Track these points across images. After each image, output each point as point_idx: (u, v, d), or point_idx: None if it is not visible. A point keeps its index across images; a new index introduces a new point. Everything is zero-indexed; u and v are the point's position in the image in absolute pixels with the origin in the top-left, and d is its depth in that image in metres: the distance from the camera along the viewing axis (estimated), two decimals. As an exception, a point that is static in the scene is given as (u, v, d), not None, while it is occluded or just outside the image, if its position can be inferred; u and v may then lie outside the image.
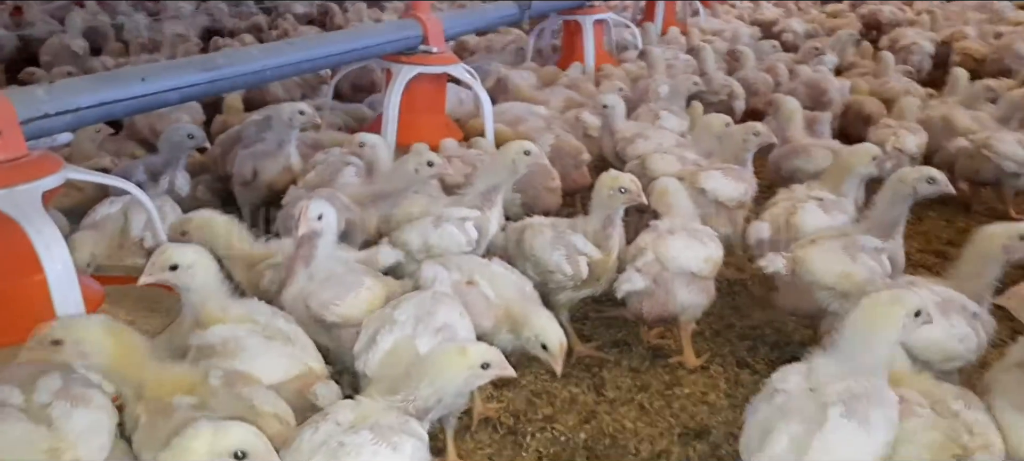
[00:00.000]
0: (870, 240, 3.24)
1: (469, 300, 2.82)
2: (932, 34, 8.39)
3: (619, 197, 3.24)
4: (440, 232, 3.40)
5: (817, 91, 5.94)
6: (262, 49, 4.00)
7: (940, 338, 2.61)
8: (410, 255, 3.38)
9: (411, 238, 3.40)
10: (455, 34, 5.45)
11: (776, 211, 3.69)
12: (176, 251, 2.55)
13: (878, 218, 3.33)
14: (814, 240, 3.27)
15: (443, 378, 2.23)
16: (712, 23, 9.12)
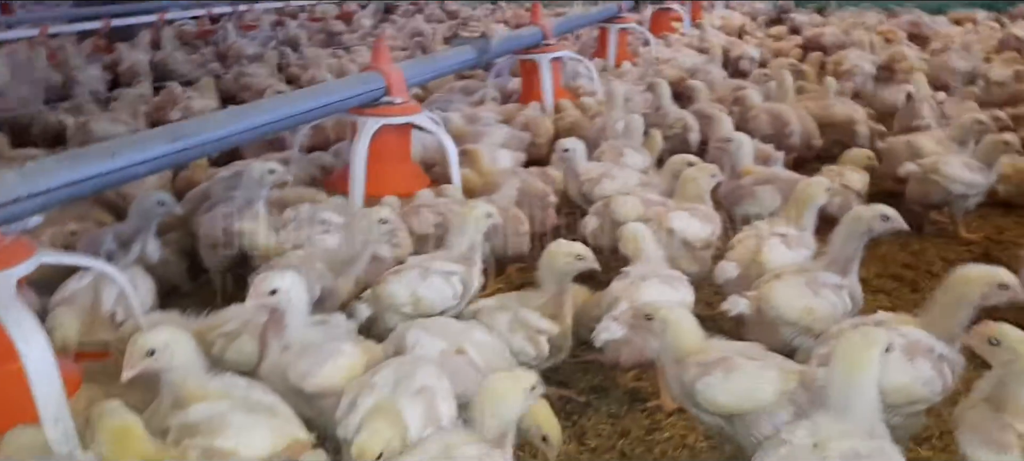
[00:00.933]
0: (830, 276, 3.35)
1: (458, 368, 2.84)
2: (872, 56, 8.69)
3: (574, 266, 3.29)
4: (428, 284, 3.43)
5: (779, 122, 6.09)
6: (228, 113, 3.99)
7: (906, 382, 2.69)
8: (395, 308, 3.41)
9: (397, 290, 3.42)
10: (417, 83, 5.50)
11: (742, 249, 3.79)
12: (150, 336, 2.54)
13: (834, 255, 3.44)
14: (777, 276, 3.38)
15: (505, 406, 2.39)
16: (663, 52, 9.31)
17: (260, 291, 2.80)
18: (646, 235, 3.64)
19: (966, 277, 2.91)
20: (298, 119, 4.35)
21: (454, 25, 13.77)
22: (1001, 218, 5.35)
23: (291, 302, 2.83)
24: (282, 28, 12.61)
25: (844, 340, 2.47)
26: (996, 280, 2.86)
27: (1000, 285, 2.85)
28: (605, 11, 9.38)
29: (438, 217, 4.31)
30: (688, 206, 4.16)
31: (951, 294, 2.91)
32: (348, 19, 13.84)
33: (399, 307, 3.42)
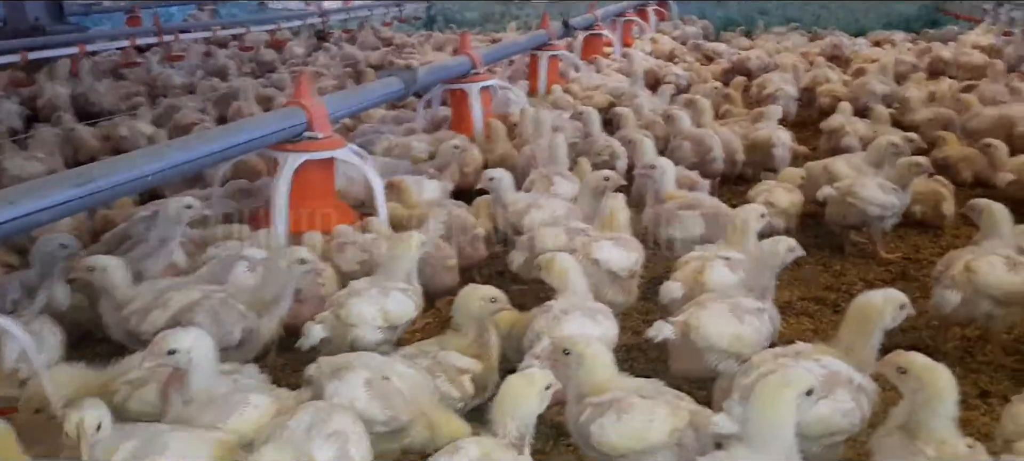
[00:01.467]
0: (751, 301, 3.41)
1: (387, 392, 2.83)
2: (794, 79, 8.93)
3: (488, 309, 3.29)
4: (392, 298, 3.56)
5: (702, 147, 6.19)
6: (142, 154, 3.87)
7: (826, 415, 2.72)
8: (364, 325, 3.47)
9: (364, 309, 3.48)
10: (341, 116, 5.43)
11: (686, 271, 3.87)
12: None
13: (750, 282, 3.50)
14: (700, 304, 3.41)
15: (524, 407, 2.48)
16: (593, 79, 9.41)
17: (158, 351, 2.72)
18: (571, 266, 3.63)
19: (867, 302, 3.01)
20: (215, 158, 4.25)
21: (388, 52, 13.73)
22: (917, 237, 5.51)
23: (192, 361, 2.74)
24: (211, 58, 12.38)
25: (764, 383, 2.50)
26: (897, 301, 2.99)
27: (900, 306, 2.98)
28: (535, 39, 9.44)
29: (364, 254, 4.26)
30: (612, 235, 4.17)
31: (855, 321, 3.00)
32: (280, 47, 13.66)
33: (369, 323, 3.49)
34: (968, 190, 6.16)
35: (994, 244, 3.87)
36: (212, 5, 18.31)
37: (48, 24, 12.19)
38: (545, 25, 9.66)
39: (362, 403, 2.80)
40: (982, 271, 3.66)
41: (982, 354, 3.91)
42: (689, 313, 3.34)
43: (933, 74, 9.66)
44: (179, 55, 12.51)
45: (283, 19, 16.53)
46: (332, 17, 17.38)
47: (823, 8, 18.21)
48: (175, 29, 14.17)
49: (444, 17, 19.35)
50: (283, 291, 3.58)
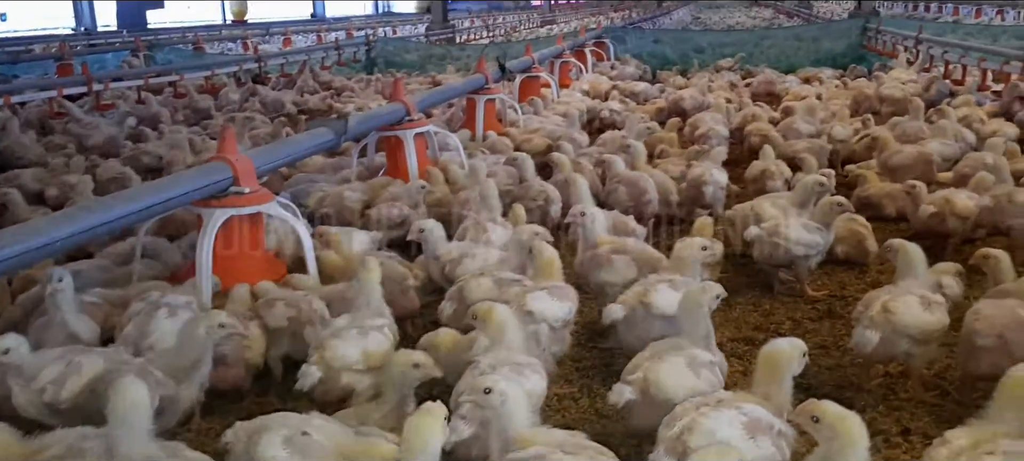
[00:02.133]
0: (704, 354, 3.42)
1: (307, 446, 2.80)
2: (725, 119, 9.14)
3: (414, 373, 3.28)
4: (371, 339, 3.68)
5: (636, 190, 6.26)
6: (50, 220, 3.73)
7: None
8: (345, 368, 3.57)
9: (347, 351, 3.58)
10: (268, 170, 5.35)
11: (629, 294, 4.02)
12: None
13: (691, 333, 3.52)
14: (657, 357, 3.40)
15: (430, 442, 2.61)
16: (531, 122, 9.49)
17: None
18: (508, 319, 3.58)
19: (773, 351, 3.07)
20: (133, 219, 4.14)
21: (327, 96, 13.67)
22: (843, 274, 5.64)
23: None
24: (144, 105, 12.14)
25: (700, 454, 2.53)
26: (800, 350, 3.07)
27: (803, 354, 3.07)
28: (471, 82, 9.49)
29: (292, 310, 4.17)
30: (546, 284, 4.16)
31: (765, 369, 3.05)
32: (215, 93, 13.48)
33: (351, 366, 3.57)
34: (893, 225, 6.38)
35: (910, 283, 3.98)
36: (146, 51, 18.00)
37: (-32, 74, 11.86)
38: (481, 68, 9.72)
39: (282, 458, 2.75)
40: (899, 311, 3.75)
41: (904, 391, 4.00)
42: (646, 368, 3.34)
43: (857, 111, 9.97)
44: (110, 104, 12.24)
45: (219, 65, 16.33)
46: (270, 61, 17.23)
47: (755, 47, 18.76)
48: (106, 77, 13.85)
49: (384, 60, 19.36)
50: (201, 356, 3.49)
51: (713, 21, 39.20)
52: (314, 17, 41.89)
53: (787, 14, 41.68)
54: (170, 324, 3.86)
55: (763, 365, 3.08)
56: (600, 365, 4.47)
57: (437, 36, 23.37)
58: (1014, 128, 8.32)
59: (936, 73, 12.60)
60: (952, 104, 9.27)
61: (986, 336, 3.62)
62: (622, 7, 53.36)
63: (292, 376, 3.77)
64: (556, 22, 36.43)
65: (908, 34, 16.14)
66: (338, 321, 3.85)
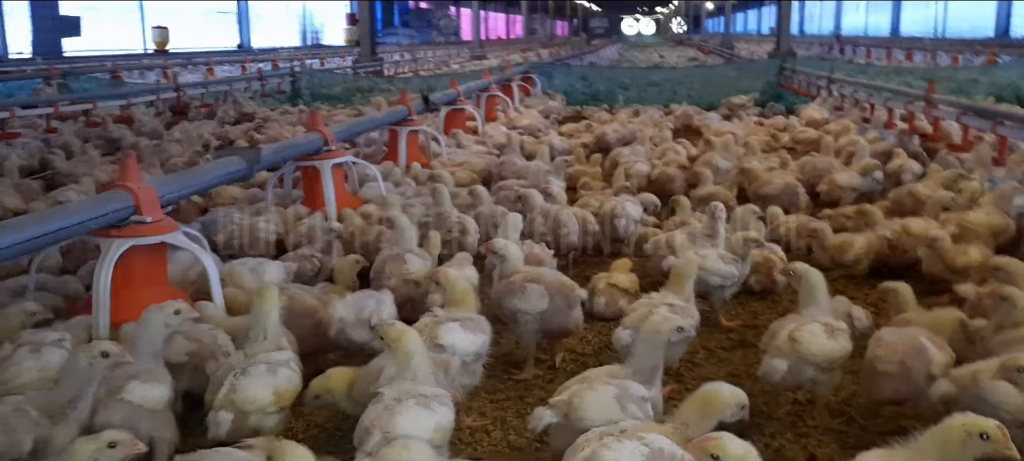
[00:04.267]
0: (638, 388, 3.37)
1: None
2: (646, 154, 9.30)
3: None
4: (281, 376, 3.56)
5: (556, 223, 6.26)
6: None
7: None
8: (260, 410, 3.46)
9: (259, 392, 3.46)
10: (176, 199, 5.17)
11: (634, 317, 4.12)
12: None
13: (638, 365, 3.48)
14: (588, 383, 3.36)
15: None
16: (456, 155, 9.47)
17: None
18: (417, 349, 3.47)
19: (711, 396, 3.09)
20: (22, 248, 3.91)
21: (249, 127, 13.39)
22: (756, 304, 5.74)
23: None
24: (57, 134, 11.68)
25: None
26: (736, 402, 3.09)
27: (741, 406, 3.10)
28: (393, 114, 9.43)
29: (193, 344, 3.99)
30: (459, 316, 4.09)
31: (698, 409, 3.07)
32: (130, 123, 13.06)
33: (264, 408, 3.46)
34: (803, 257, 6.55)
35: (814, 311, 4.05)
36: (60, 79, 17.36)
37: None
38: (404, 100, 9.67)
39: None
40: (804, 340, 3.81)
41: (811, 418, 4.06)
42: (573, 392, 3.30)
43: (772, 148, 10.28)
44: (15, 132, 11.72)
45: (135, 93, 15.86)
46: (190, 90, 16.82)
47: (680, 84, 19.24)
48: (14, 104, 13.28)
49: (310, 92, 19.13)
50: (82, 391, 3.27)
51: (639, 59, 40.12)
52: (241, 47, 41.21)
53: (710, 52, 42.96)
54: (33, 362, 3.66)
55: (697, 402, 3.09)
56: (515, 397, 4.42)
57: (365, 69, 23.23)
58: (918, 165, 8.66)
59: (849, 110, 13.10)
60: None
61: (888, 362, 3.71)
62: (552, 44, 54.25)
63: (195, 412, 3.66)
64: (486, 57, 36.67)
65: (821, 74, 16.78)
66: (240, 358, 3.67)
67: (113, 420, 3.26)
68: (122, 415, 3.30)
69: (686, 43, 65.24)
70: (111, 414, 3.29)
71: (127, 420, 3.28)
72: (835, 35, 48.53)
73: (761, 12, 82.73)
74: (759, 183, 7.60)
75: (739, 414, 3.11)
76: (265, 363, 3.59)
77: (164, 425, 3.46)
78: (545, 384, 4.52)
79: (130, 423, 3.27)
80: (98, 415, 3.29)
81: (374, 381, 3.45)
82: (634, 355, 3.56)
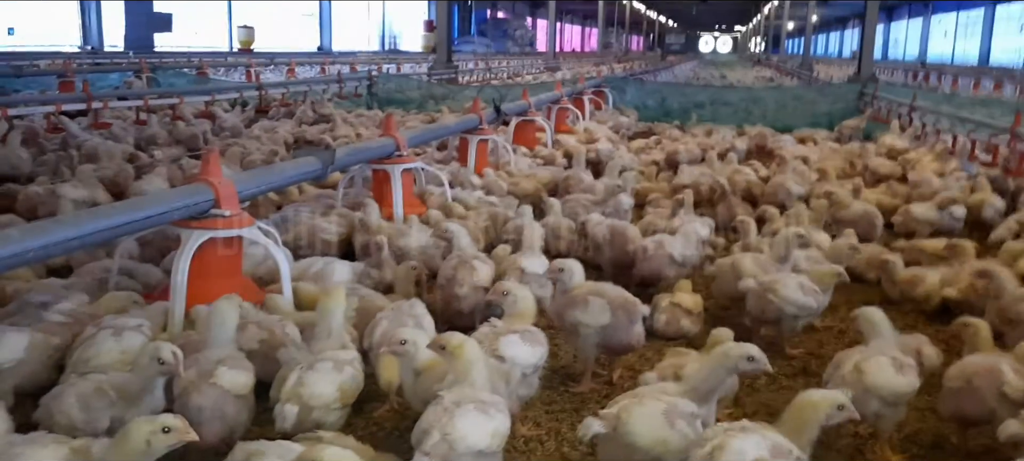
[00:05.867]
0: (688, 405, 3.36)
1: None
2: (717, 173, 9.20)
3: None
4: (346, 375, 3.68)
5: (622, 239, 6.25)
6: (23, 230, 3.73)
7: None
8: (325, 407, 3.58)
9: (323, 389, 3.58)
10: (251, 195, 5.37)
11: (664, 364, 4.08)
12: None
13: (696, 384, 3.48)
14: (638, 398, 3.39)
15: None
16: (522, 165, 9.54)
17: None
18: (477, 358, 3.55)
19: (808, 405, 3.17)
20: (108, 234, 4.13)
21: (326, 128, 13.73)
22: (821, 334, 5.61)
23: None
24: (145, 127, 12.21)
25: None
26: (832, 404, 3.15)
27: (838, 407, 3.15)
28: (465, 122, 9.56)
29: (264, 333, 4.15)
30: (519, 328, 4.14)
31: (794, 420, 3.15)
32: (212, 119, 13.56)
33: (329, 404, 3.57)
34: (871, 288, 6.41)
35: (881, 345, 3.97)
36: (150, 73, 18.14)
37: (-34, 86, 11.94)
38: (475, 109, 9.80)
39: None
40: (871, 371, 3.74)
41: (871, 453, 3.97)
42: (622, 406, 3.32)
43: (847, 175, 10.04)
44: (107, 123, 12.30)
45: (219, 90, 16.44)
46: (271, 91, 17.35)
47: (754, 104, 18.94)
48: (106, 96, 13.94)
49: (385, 96, 19.51)
50: (146, 385, 3.41)
51: (714, 78, 39.64)
52: (320, 49, 42.29)
53: (787, 74, 42.17)
54: (115, 344, 3.82)
55: (795, 412, 3.17)
56: (570, 409, 4.44)
57: (440, 76, 23.57)
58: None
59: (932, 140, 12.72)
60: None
61: (956, 378, 3.80)
62: (626, 59, 54.07)
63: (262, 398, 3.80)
64: (559, 69, 36.77)
65: (903, 101, 16.31)
66: (307, 355, 3.82)
67: (204, 404, 3.41)
68: (213, 399, 3.44)
69: (764, 63, 64.12)
70: (203, 398, 3.43)
71: (216, 404, 3.44)
72: (920, 62, 47.10)
73: (843, 35, 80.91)
74: (838, 208, 7.42)
75: (839, 416, 3.14)
76: (331, 361, 3.71)
77: (246, 411, 3.59)
78: (601, 398, 4.52)
79: (219, 407, 3.43)
80: (190, 398, 3.43)
81: (437, 382, 3.53)
82: (694, 374, 3.56)
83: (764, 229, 7.06)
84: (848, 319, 5.61)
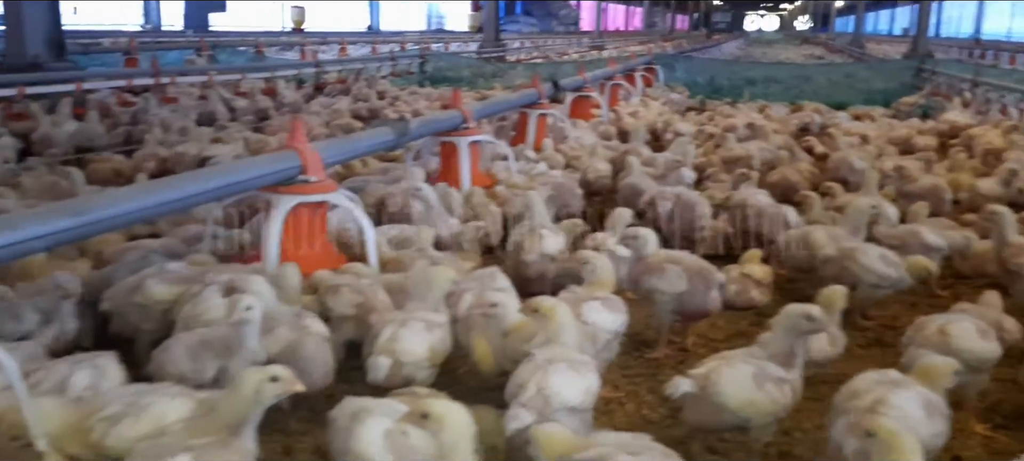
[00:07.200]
0: (776, 369, 3.43)
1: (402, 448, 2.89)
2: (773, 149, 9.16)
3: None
4: (436, 336, 3.83)
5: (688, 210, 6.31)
6: (135, 189, 3.95)
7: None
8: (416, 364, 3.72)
9: (414, 346, 3.72)
10: (333, 163, 5.54)
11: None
12: None
13: (774, 348, 3.53)
14: (726, 359, 3.47)
15: None
16: (584, 140, 9.60)
17: None
18: (568, 320, 3.68)
19: (930, 369, 3.30)
20: (208, 196, 4.32)
21: (381, 105, 13.93)
22: (895, 306, 5.57)
23: None
24: (206, 102, 12.52)
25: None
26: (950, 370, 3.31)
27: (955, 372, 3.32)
28: (525, 97, 9.64)
29: (358, 297, 4.28)
30: (600, 295, 4.22)
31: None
32: (273, 95, 13.84)
33: (419, 362, 3.70)
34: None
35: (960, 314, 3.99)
36: (210, 51, 18.56)
37: (47, 61, 12.32)
38: (536, 84, 9.87)
39: (376, 453, 2.86)
40: (956, 334, 3.77)
41: (955, 421, 3.98)
42: (711, 368, 3.40)
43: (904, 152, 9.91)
44: (174, 97, 12.65)
45: (279, 68, 16.78)
46: (328, 67, 17.65)
47: (806, 81, 18.70)
48: (173, 72, 14.34)
49: (437, 74, 19.69)
50: (240, 336, 3.59)
51: (762, 56, 39.06)
52: (370, 29, 42.65)
53: (838, 51, 41.36)
54: (219, 300, 3.96)
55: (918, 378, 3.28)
56: (646, 373, 4.53)
57: (489, 54, 23.66)
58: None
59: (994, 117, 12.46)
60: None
61: None
62: (671, 38, 53.51)
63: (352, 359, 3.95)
64: (604, 47, 36.58)
65: (965, 77, 15.97)
66: (397, 314, 3.96)
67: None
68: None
69: (812, 41, 62.93)
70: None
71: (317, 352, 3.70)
72: (974, 38, 45.78)
73: (894, 13, 78.89)
74: (906, 181, 7.35)
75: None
76: (424, 321, 3.85)
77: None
78: (676, 364, 4.61)
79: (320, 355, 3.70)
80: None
81: (525, 342, 3.65)
82: (769, 340, 3.62)
83: (826, 204, 7.02)
84: (920, 292, 5.66)
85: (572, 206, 6.91)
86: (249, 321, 3.56)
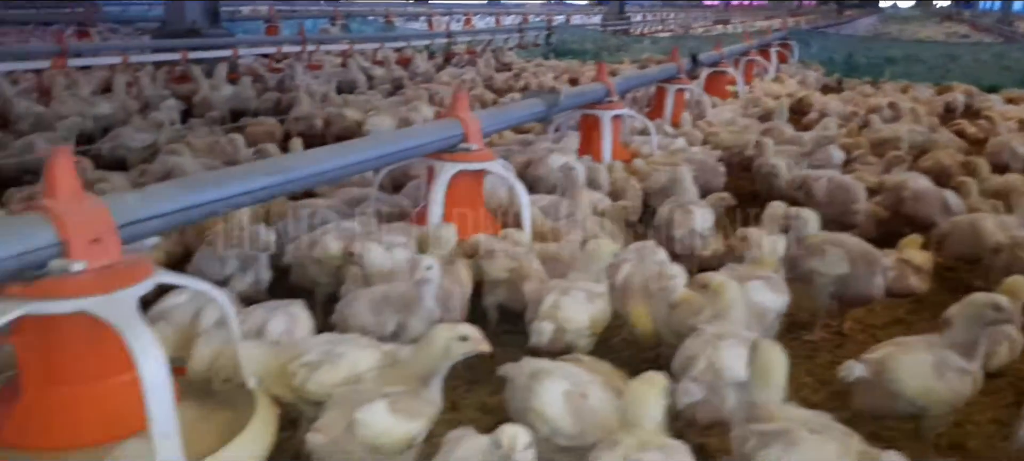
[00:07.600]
0: (957, 359, 3.33)
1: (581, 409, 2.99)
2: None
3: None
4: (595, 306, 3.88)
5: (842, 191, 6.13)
6: (323, 152, 4.22)
7: None
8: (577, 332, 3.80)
9: (576, 314, 3.80)
10: (491, 131, 5.69)
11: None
12: None
13: (955, 338, 3.41)
14: (900, 344, 3.41)
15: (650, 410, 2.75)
16: (722, 114, 9.45)
17: None
18: (737, 297, 3.70)
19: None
20: (382, 160, 4.56)
21: (508, 77, 14.10)
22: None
23: None
24: (346, 70, 13.01)
25: None
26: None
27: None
28: (665, 71, 9.56)
29: (513, 262, 4.41)
30: (763, 274, 4.20)
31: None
32: (406, 65, 14.23)
33: (580, 330, 3.78)
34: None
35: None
36: (344, 20, 19.23)
37: (204, 27, 13.08)
38: (675, 58, 9.76)
39: (556, 413, 2.94)
40: None
41: None
42: (888, 353, 3.35)
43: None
44: (317, 65, 13.21)
45: (412, 38, 17.24)
46: (459, 39, 18.00)
47: (952, 61, 17.67)
48: (314, 40, 14.96)
49: (562, 46, 19.71)
50: (420, 294, 3.77)
51: (900, 33, 37.05)
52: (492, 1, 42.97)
53: (985, 30, 38.75)
54: (386, 258, 4.16)
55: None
56: (803, 355, 4.47)
57: (613, 27, 23.47)
58: None
59: None
60: None
61: None
62: (799, 13, 51.42)
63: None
64: (730, 22, 35.60)
65: None
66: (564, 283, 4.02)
67: None
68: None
69: (954, 18, 59.13)
70: None
71: None
72: None
73: (1048, -12, 73.04)
74: None
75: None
76: (585, 291, 3.93)
77: None
78: (833, 348, 4.54)
79: None
80: None
81: (693, 316, 3.68)
82: (954, 325, 3.50)
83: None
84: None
85: (714, 183, 6.83)
86: (429, 280, 3.73)
